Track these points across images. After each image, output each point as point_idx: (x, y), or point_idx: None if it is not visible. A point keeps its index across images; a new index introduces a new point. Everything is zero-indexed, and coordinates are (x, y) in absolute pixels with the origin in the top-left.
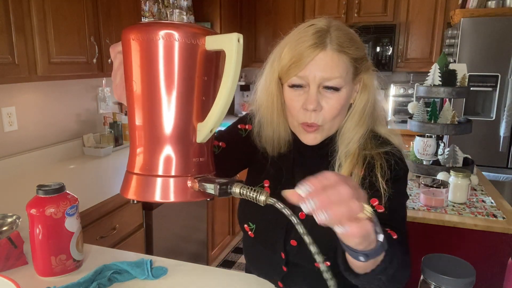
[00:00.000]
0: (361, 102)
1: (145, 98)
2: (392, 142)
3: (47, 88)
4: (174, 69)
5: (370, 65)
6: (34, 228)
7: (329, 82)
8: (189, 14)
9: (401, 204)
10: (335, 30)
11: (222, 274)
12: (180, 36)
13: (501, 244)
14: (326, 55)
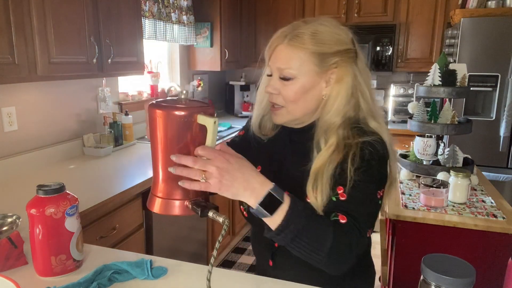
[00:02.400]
0: (333, 93)
1: (162, 153)
2: (381, 136)
3: (47, 88)
4: (180, 132)
5: (349, 62)
6: (34, 228)
7: (282, 72)
8: (189, 14)
9: (367, 193)
10: (304, 26)
11: (222, 274)
12: (186, 115)
13: (501, 244)
14: (281, 48)
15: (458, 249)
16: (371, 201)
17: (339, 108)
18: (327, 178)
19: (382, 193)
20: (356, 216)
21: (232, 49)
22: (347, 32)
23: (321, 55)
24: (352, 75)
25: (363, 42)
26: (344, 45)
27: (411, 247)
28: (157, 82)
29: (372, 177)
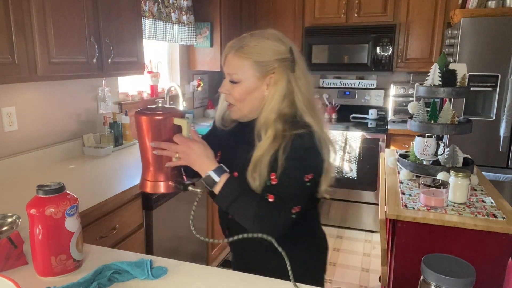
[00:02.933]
0: (270, 94)
1: (151, 147)
2: (312, 129)
3: (47, 88)
4: (162, 129)
5: (285, 68)
6: (34, 228)
7: (231, 77)
8: (189, 14)
9: (294, 178)
10: (249, 39)
11: (222, 274)
12: (166, 117)
13: (501, 244)
14: (230, 57)
15: (458, 249)
16: (297, 184)
17: (274, 106)
18: (265, 164)
19: (311, 177)
20: (282, 197)
21: None
22: (287, 43)
23: (259, 63)
24: (287, 80)
25: (363, 42)
26: (281, 55)
27: (411, 247)
28: (157, 82)
29: (299, 164)
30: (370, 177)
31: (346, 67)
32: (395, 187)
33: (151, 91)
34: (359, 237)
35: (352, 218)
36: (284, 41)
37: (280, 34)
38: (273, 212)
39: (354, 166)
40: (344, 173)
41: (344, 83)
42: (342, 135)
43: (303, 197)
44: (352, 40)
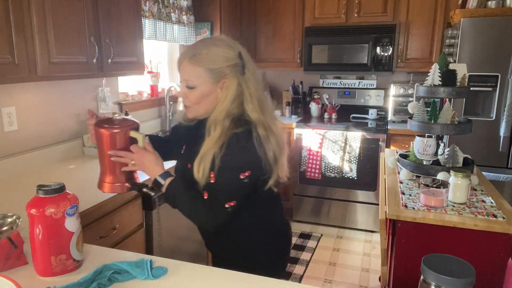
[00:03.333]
0: (222, 97)
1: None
2: (251, 127)
3: (47, 88)
4: (119, 140)
5: (235, 73)
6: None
7: (187, 83)
8: (189, 14)
9: (228, 177)
10: (201, 47)
11: (222, 274)
12: (123, 130)
13: (501, 244)
14: (185, 65)
15: (458, 249)
16: (232, 182)
17: (225, 107)
18: (209, 158)
19: (248, 174)
20: (215, 194)
21: None
22: (236, 48)
23: (212, 70)
24: (237, 83)
25: (363, 42)
26: (231, 61)
27: (411, 247)
28: (157, 82)
29: (233, 163)
30: (370, 177)
31: (346, 67)
32: (395, 187)
33: (151, 91)
34: (359, 237)
35: (352, 218)
36: (233, 47)
37: (229, 39)
38: (205, 208)
39: (354, 166)
40: (344, 173)
41: (344, 83)
42: (342, 135)
43: (239, 193)
44: (352, 40)
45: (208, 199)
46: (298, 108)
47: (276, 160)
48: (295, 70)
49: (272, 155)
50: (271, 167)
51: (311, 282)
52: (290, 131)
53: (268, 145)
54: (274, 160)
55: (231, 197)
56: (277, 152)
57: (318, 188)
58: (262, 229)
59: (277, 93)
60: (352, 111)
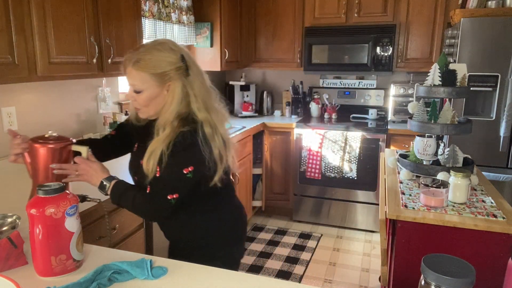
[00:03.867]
0: (169, 99)
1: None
2: (197, 126)
3: (47, 88)
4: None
5: (179, 75)
6: (34, 228)
7: (134, 87)
8: (189, 14)
9: (171, 172)
10: (143, 52)
11: (222, 274)
12: (67, 143)
13: (501, 244)
14: (130, 70)
15: (458, 249)
16: (175, 176)
17: (173, 109)
18: (157, 155)
19: (191, 169)
20: (157, 187)
21: (232, 49)
22: (178, 51)
23: (156, 75)
24: (182, 85)
25: (363, 42)
26: (173, 65)
27: (411, 247)
28: None
29: (177, 159)
30: (370, 177)
31: (346, 67)
32: (395, 187)
33: None
34: (359, 237)
35: (352, 218)
36: (175, 50)
37: (171, 42)
38: (146, 200)
39: (354, 166)
40: (344, 173)
41: (344, 83)
42: (342, 135)
43: (182, 187)
44: (352, 40)
45: (149, 193)
46: (298, 108)
47: (221, 157)
48: (295, 70)
49: (218, 153)
50: (216, 164)
51: (311, 282)
52: (290, 131)
53: (213, 143)
54: (220, 157)
55: (173, 190)
56: (223, 150)
57: (318, 188)
58: (215, 217)
59: (277, 93)
60: (352, 111)
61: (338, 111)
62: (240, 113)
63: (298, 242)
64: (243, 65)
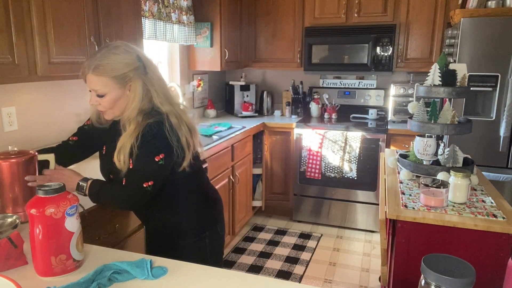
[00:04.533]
0: (131, 97)
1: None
2: (163, 117)
3: (47, 88)
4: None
5: (138, 74)
6: (34, 228)
7: (96, 92)
8: (189, 14)
9: (143, 161)
10: (100, 57)
11: (222, 274)
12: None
13: (501, 244)
14: (90, 77)
15: (458, 249)
16: (148, 165)
17: (135, 106)
18: (127, 149)
19: (162, 156)
20: (132, 177)
21: (232, 49)
22: (134, 52)
23: (117, 77)
24: (142, 83)
25: (363, 42)
26: (131, 66)
27: (411, 247)
28: None
29: (147, 149)
30: (370, 177)
31: (346, 67)
32: (395, 187)
33: None
34: (359, 237)
35: (352, 218)
36: (130, 51)
37: (125, 45)
38: (123, 191)
39: (354, 166)
40: (344, 173)
41: (344, 83)
42: (342, 135)
43: (156, 174)
44: (352, 40)
45: (125, 184)
46: (298, 108)
47: (188, 144)
48: (295, 70)
49: (185, 140)
50: (184, 151)
51: (311, 282)
52: (290, 131)
53: (180, 131)
54: (187, 144)
55: (148, 178)
56: (189, 137)
57: (318, 188)
58: (188, 201)
59: (277, 93)
60: (352, 111)
61: (338, 111)
62: (240, 113)
63: (298, 242)
64: (243, 65)
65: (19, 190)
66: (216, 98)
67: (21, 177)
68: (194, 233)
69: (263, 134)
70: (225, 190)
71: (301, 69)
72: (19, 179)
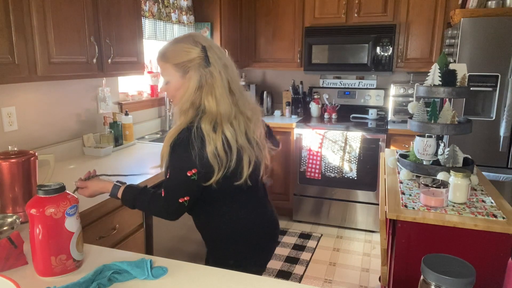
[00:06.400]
0: (185, 87)
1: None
2: (201, 122)
3: (47, 88)
4: (22, 168)
5: (198, 66)
6: (34, 228)
7: (164, 78)
8: (189, 14)
9: (175, 176)
10: (168, 47)
11: (222, 274)
12: (33, 155)
13: (501, 244)
14: (160, 64)
15: (458, 249)
16: (180, 180)
17: (187, 97)
18: (167, 146)
19: (194, 171)
20: (167, 190)
21: (232, 49)
22: (201, 43)
23: (178, 65)
24: (199, 75)
25: (363, 42)
26: (192, 55)
27: (411, 247)
28: (157, 82)
29: (179, 163)
30: (370, 177)
31: (346, 67)
32: (395, 187)
33: (151, 91)
34: (359, 237)
35: (352, 218)
36: (197, 41)
37: (196, 35)
38: (163, 204)
39: (354, 166)
40: (344, 173)
41: (344, 83)
42: (342, 135)
43: (190, 189)
44: (352, 40)
45: (164, 196)
46: (298, 108)
47: (220, 158)
48: (295, 70)
49: (213, 152)
50: (211, 165)
51: (311, 282)
52: (290, 131)
53: (208, 140)
54: (216, 157)
55: (183, 193)
56: (221, 151)
57: (318, 188)
58: (231, 221)
59: (277, 93)
60: (352, 111)
61: (338, 111)
62: None
63: (298, 242)
64: (243, 65)
65: (19, 190)
66: None
67: (21, 177)
68: (218, 254)
69: None
70: None
71: (301, 69)
72: (19, 179)
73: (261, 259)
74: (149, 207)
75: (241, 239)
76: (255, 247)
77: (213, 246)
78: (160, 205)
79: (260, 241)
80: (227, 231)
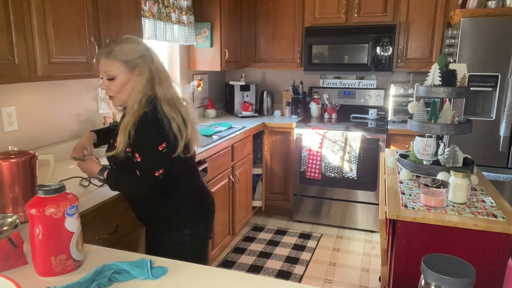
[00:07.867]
0: (137, 81)
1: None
2: (158, 106)
3: (47, 88)
4: (22, 167)
5: (146, 62)
6: (34, 228)
7: (107, 74)
8: (189, 14)
9: (149, 152)
10: (114, 46)
11: (222, 274)
12: (27, 159)
13: (501, 244)
14: (103, 61)
15: (458, 249)
16: (154, 155)
17: (141, 89)
18: (127, 130)
19: (164, 145)
20: (142, 167)
21: (232, 49)
22: (143, 43)
23: (127, 62)
24: (148, 70)
25: (363, 42)
26: (140, 53)
27: (411, 247)
28: None
29: (149, 140)
30: (370, 177)
31: (346, 67)
32: (395, 187)
33: None
34: (359, 237)
35: (352, 218)
36: (140, 42)
37: (135, 37)
38: (141, 181)
39: (354, 166)
40: (344, 173)
41: (344, 83)
42: (342, 135)
43: (163, 162)
44: (352, 40)
45: (140, 173)
46: (298, 108)
47: (180, 132)
48: (295, 70)
49: (177, 127)
50: (176, 137)
51: (311, 282)
52: (290, 131)
53: (172, 118)
54: (179, 131)
55: (158, 166)
56: (182, 126)
57: (318, 188)
58: (175, 195)
59: (277, 93)
60: (352, 111)
61: (338, 111)
62: (240, 113)
63: (298, 242)
64: (243, 65)
65: (19, 190)
66: (216, 98)
67: (21, 177)
68: (174, 227)
69: (263, 134)
70: (225, 190)
71: (301, 69)
72: (19, 179)
73: (209, 224)
74: (129, 186)
75: (196, 207)
76: (205, 212)
77: (168, 221)
78: (138, 182)
79: (209, 207)
80: (188, 202)
